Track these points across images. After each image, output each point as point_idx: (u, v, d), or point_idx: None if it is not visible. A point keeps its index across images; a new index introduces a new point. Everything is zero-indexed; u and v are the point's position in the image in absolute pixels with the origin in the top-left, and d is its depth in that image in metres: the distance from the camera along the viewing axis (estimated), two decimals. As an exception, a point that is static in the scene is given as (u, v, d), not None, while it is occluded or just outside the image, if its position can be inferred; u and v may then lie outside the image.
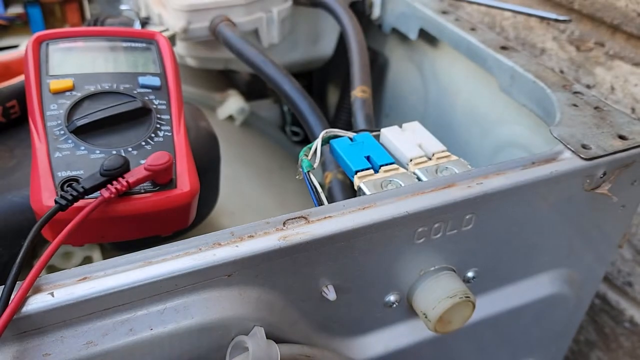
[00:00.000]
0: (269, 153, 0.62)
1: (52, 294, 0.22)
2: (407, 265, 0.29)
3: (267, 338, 0.26)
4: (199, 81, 0.62)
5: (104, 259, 0.28)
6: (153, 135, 0.30)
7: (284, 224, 0.26)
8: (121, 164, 0.26)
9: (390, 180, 0.30)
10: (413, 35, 0.53)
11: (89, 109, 0.30)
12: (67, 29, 0.34)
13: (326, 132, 0.33)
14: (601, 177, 0.32)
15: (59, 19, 0.55)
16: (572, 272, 0.38)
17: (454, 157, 0.33)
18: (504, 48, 0.43)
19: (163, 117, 0.31)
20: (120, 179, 0.26)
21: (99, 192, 0.26)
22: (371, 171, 0.31)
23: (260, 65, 0.42)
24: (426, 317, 0.29)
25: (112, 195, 0.26)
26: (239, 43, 0.44)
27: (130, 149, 0.29)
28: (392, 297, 0.30)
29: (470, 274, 0.32)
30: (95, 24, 0.50)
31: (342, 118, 0.60)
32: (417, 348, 0.33)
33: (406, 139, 0.33)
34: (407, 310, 0.32)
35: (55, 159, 0.28)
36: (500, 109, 0.46)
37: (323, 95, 0.71)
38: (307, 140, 0.36)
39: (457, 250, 0.30)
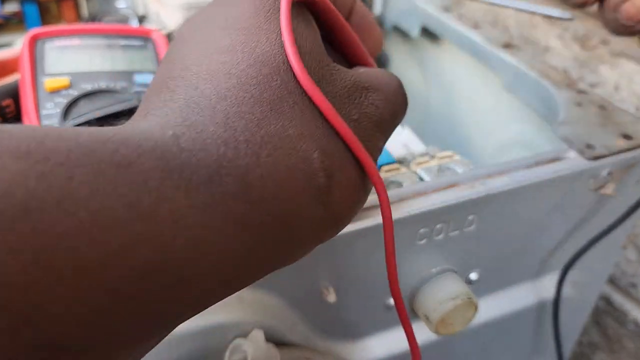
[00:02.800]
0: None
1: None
2: (408, 267, 0.29)
3: (266, 341, 0.25)
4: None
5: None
6: (150, 134, 0.29)
7: (283, 225, 0.25)
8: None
9: (392, 180, 0.30)
10: (415, 32, 0.52)
11: (86, 108, 0.30)
12: (63, 26, 0.34)
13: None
14: (606, 177, 0.32)
15: (55, 16, 0.55)
16: (575, 273, 0.37)
17: (456, 157, 0.32)
18: (507, 46, 0.43)
19: (160, 116, 0.31)
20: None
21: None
22: (372, 171, 0.31)
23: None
24: (428, 319, 0.29)
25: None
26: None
27: (126, 149, 0.28)
28: (392, 300, 0.30)
29: (472, 276, 0.32)
30: (92, 22, 0.50)
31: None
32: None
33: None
34: (409, 313, 0.31)
35: (50, 159, 0.27)
36: (503, 108, 0.45)
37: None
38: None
39: (459, 251, 0.30)
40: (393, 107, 0.19)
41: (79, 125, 0.29)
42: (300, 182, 0.14)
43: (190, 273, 0.12)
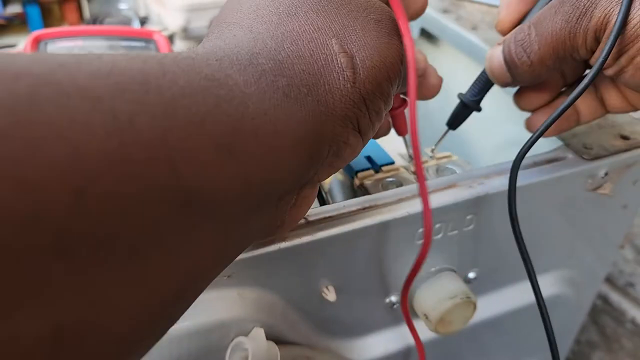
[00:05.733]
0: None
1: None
2: (407, 266, 0.29)
3: (266, 339, 0.25)
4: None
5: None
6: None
7: (284, 224, 0.25)
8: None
9: (391, 181, 0.30)
10: (413, 34, 0.52)
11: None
12: (65, 28, 0.34)
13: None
14: (603, 177, 0.32)
15: (58, 18, 0.55)
16: (573, 272, 0.38)
17: (455, 157, 0.33)
18: (505, 47, 0.43)
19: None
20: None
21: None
22: (372, 171, 0.31)
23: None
24: (427, 318, 0.29)
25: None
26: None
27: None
28: (392, 298, 0.30)
29: (471, 275, 0.32)
30: (94, 23, 0.50)
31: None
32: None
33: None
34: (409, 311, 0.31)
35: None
36: (501, 109, 0.45)
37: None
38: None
39: (458, 251, 0.30)
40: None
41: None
42: (322, 62, 0.17)
43: (259, 142, 0.15)
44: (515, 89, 0.30)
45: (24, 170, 0.09)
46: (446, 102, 0.52)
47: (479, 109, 0.30)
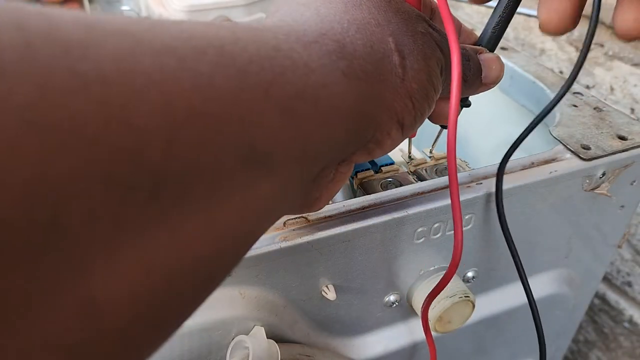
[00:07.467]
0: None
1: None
2: (406, 265, 0.29)
3: (267, 338, 0.26)
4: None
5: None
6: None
7: (284, 224, 0.26)
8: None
9: (391, 181, 0.30)
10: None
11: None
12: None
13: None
14: (600, 178, 0.32)
15: (59, 19, 0.55)
16: (571, 272, 0.38)
17: (453, 158, 0.33)
18: (503, 49, 0.44)
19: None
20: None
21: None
22: (371, 171, 0.31)
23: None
24: (426, 316, 0.29)
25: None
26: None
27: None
28: (392, 297, 0.30)
29: (470, 274, 0.32)
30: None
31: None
32: (417, 348, 0.33)
33: None
34: (407, 310, 0.32)
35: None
36: (499, 109, 0.46)
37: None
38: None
39: (456, 250, 0.30)
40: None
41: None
42: (380, 55, 0.19)
43: (318, 110, 0.16)
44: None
45: (131, 114, 0.11)
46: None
47: (467, 104, 0.30)
